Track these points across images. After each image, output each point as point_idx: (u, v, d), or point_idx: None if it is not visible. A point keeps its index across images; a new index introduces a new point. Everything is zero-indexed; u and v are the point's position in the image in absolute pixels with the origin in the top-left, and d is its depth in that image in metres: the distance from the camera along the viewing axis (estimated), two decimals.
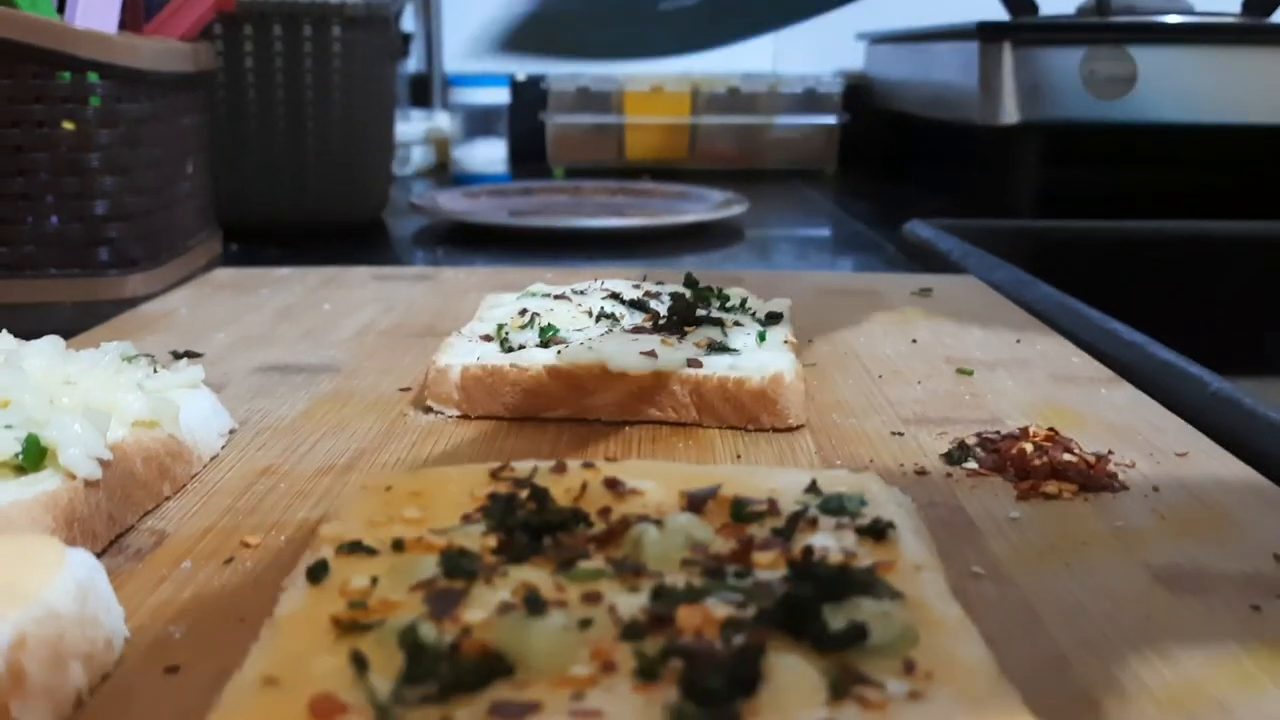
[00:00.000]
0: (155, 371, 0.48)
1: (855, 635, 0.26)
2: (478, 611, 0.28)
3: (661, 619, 0.28)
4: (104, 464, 0.39)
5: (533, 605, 0.28)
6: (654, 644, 0.27)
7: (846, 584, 0.29)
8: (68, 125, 0.77)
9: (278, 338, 0.68)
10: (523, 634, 0.26)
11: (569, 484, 0.36)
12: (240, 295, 0.80)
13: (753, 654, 0.26)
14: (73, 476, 0.38)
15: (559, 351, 0.53)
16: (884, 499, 0.35)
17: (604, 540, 0.32)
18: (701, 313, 0.59)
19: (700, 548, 0.32)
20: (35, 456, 0.38)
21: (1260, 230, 1.19)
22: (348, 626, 0.28)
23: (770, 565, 0.31)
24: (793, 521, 0.33)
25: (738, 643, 0.26)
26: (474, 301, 0.71)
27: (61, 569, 0.30)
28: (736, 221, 1.19)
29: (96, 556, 0.32)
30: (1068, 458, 0.46)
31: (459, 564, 0.30)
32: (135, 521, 0.42)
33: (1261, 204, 1.22)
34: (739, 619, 0.28)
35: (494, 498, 0.35)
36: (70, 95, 0.77)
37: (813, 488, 0.36)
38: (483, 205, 1.24)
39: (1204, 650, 0.33)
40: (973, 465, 0.48)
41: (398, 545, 0.32)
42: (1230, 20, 1.30)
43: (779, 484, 0.36)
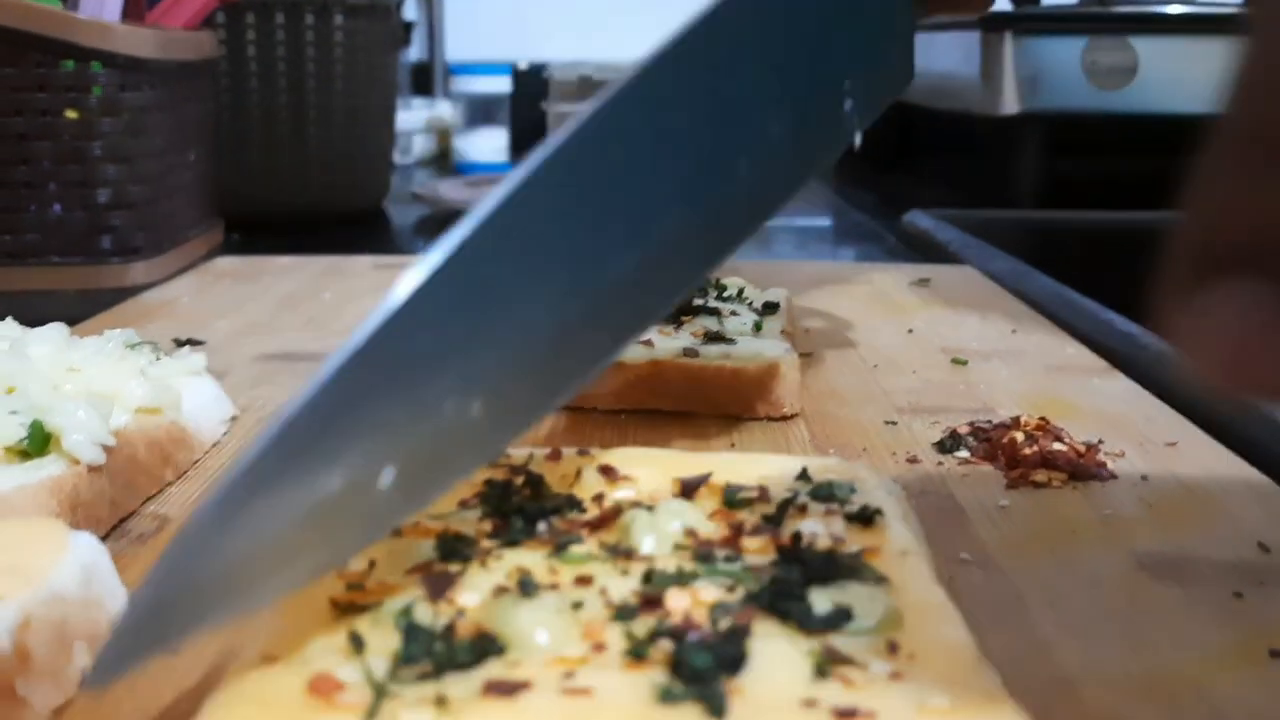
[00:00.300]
0: (158, 359, 0.48)
1: (839, 617, 0.27)
2: (472, 594, 0.29)
3: (651, 601, 0.28)
4: (107, 449, 0.40)
5: (525, 588, 0.29)
6: (644, 625, 0.27)
7: (833, 568, 0.29)
8: (71, 114, 0.78)
9: (279, 326, 0.69)
10: (515, 615, 0.27)
11: (564, 470, 0.37)
12: (242, 283, 0.80)
13: (739, 635, 0.26)
14: (77, 462, 0.39)
15: None
16: (873, 486, 0.36)
17: (597, 525, 0.33)
18: (698, 302, 0.60)
19: (691, 533, 0.32)
20: (40, 442, 0.38)
21: None
22: (346, 608, 0.28)
23: (759, 550, 0.31)
24: (782, 508, 0.34)
25: (725, 624, 0.27)
26: None
27: (66, 552, 0.31)
28: None
29: (100, 540, 0.33)
30: (1058, 447, 0.47)
31: (454, 548, 0.31)
32: (138, 506, 0.42)
33: None
34: (727, 602, 0.28)
35: (490, 484, 0.35)
36: (73, 84, 0.77)
37: (803, 475, 0.36)
38: (484, 194, 1.25)
39: (1185, 636, 0.33)
40: (964, 454, 0.48)
41: (395, 530, 0.33)
42: (1231, 10, 1.30)
43: (770, 471, 0.36)
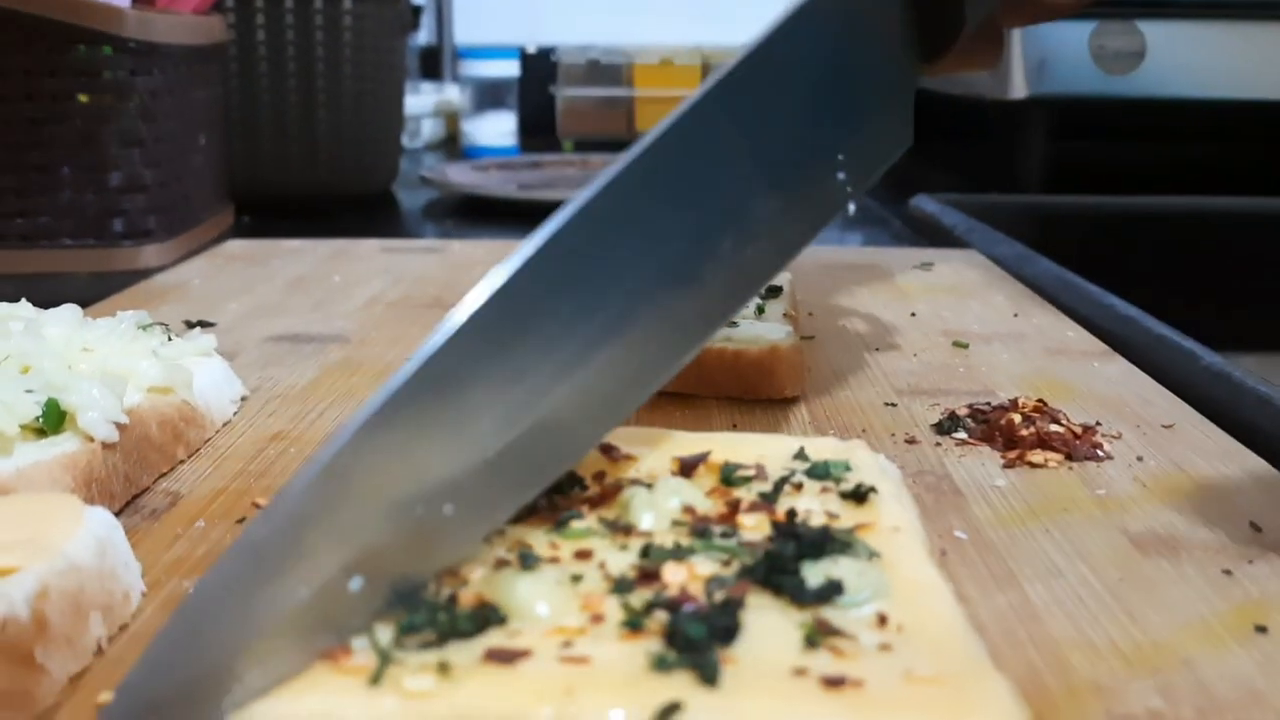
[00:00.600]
0: (169, 340, 0.49)
1: (830, 590, 0.28)
2: (476, 567, 0.30)
3: (649, 574, 0.29)
4: (120, 427, 0.41)
5: (526, 560, 0.29)
6: (641, 597, 0.28)
7: (825, 543, 0.30)
8: (83, 98, 0.78)
9: (288, 308, 0.70)
10: (516, 587, 0.28)
11: None
12: (252, 266, 0.81)
13: (732, 607, 0.27)
14: (91, 439, 0.39)
15: None
16: (869, 465, 0.36)
17: (597, 502, 0.34)
18: None
19: (689, 509, 0.33)
20: (55, 419, 0.39)
21: (1268, 206, 1.20)
22: None
23: (755, 527, 0.32)
24: (779, 485, 0.34)
25: (719, 597, 0.28)
26: (481, 274, 0.72)
27: (81, 525, 0.32)
28: None
29: (114, 515, 0.34)
30: (1055, 428, 0.48)
31: None
32: (151, 483, 0.43)
33: (1270, 180, 1.22)
34: (722, 575, 0.29)
35: None
36: (85, 68, 0.78)
37: (800, 454, 0.37)
38: (492, 178, 1.25)
39: (1173, 611, 0.34)
40: (962, 435, 0.49)
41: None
42: None
43: (768, 450, 0.37)
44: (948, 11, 0.45)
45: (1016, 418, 0.48)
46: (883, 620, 0.27)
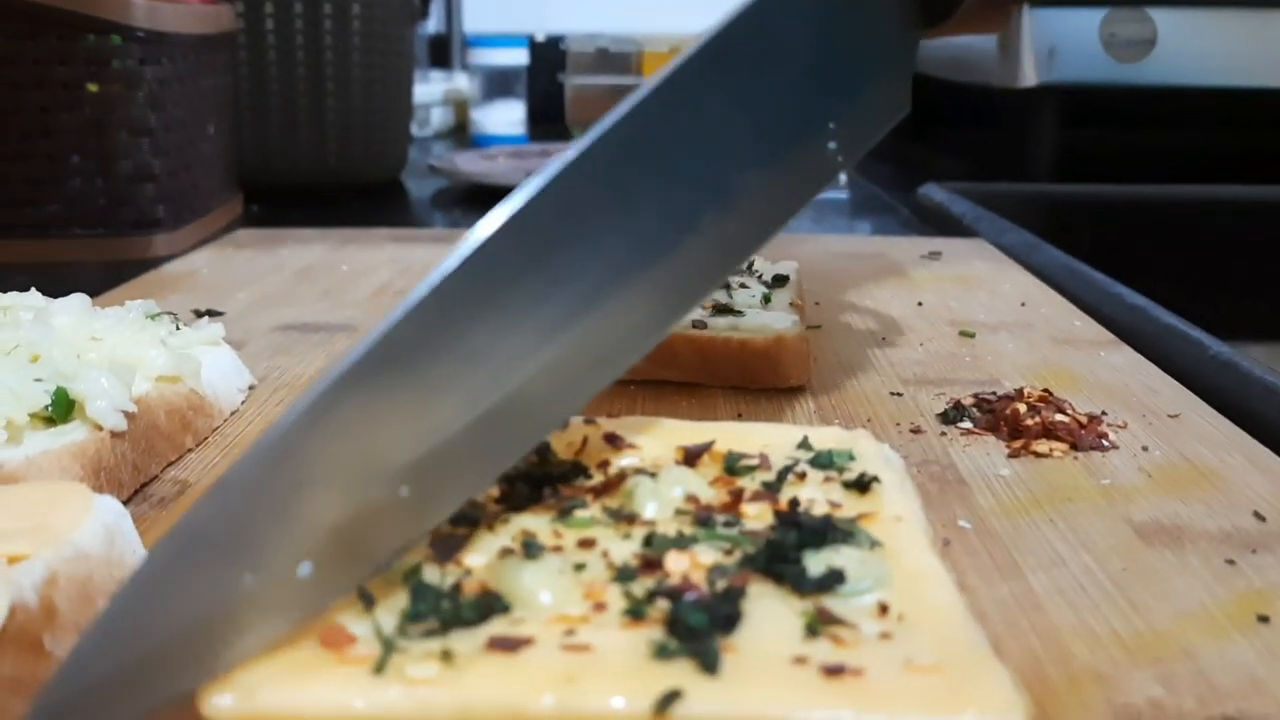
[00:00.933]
0: (177, 329, 0.49)
1: (832, 579, 0.28)
2: (479, 556, 0.30)
3: (651, 563, 0.29)
4: (129, 416, 0.41)
5: (530, 549, 0.30)
6: (643, 586, 0.28)
7: (827, 532, 0.30)
8: (91, 87, 0.79)
9: (297, 297, 0.70)
10: (519, 575, 0.28)
11: (570, 439, 0.38)
12: (260, 256, 0.82)
13: (733, 595, 0.27)
14: (99, 428, 0.40)
15: None
16: (872, 455, 0.36)
17: (601, 491, 0.34)
18: None
19: (692, 498, 0.33)
20: (64, 408, 0.39)
21: (1278, 195, 1.19)
22: None
23: (758, 516, 0.32)
24: (782, 475, 0.35)
25: (721, 586, 0.28)
26: None
27: (90, 514, 0.32)
28: None
29: (122, 504, 0.34)
30: (1060, 418, 0.47)
31: (463, 512, 0.32)
32: (159, 472, 0.44)
33: None
34: (724, 564, 0.29)
35: None
36: (94, 58, 0.78)
37: (804, 444, 0.37)
38: (501, 167, 1.25)
39: (1175, 601, 0.34)
40: (968, 425, 0.49)
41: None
42: None
43: (772, 440, 0.37)
44: None
45: (1022, 407, 0.48)
46: (884, 609, 0.27)
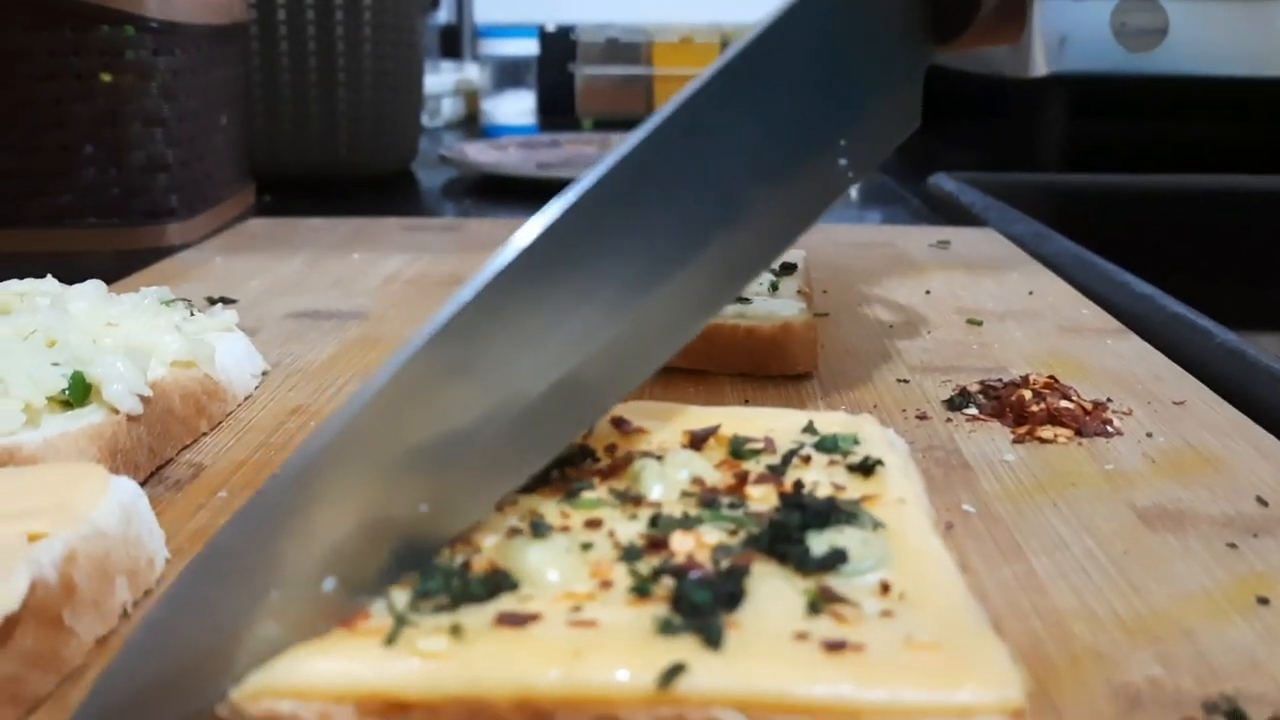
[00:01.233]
0: (192, 315, 0.50)
1: (834, 559, 0.28)
2: (489, 535, 0.31)
3: (657, 543, 0.30)
4: (144, 400, 0.42)
5: (538, 529, 0.30)
6: (649, 565, 0.29)
7: (831, 513, 0.30)
8: (105, 78, 0.79)
9: (309, 285, 0.71)
10: (527, 554, 0.29)
11: None
12: (273, 244, 0.82)
13: (738, 574, 0.28)
14: (116, 411, 0.40)
15: None
16: (877, 439, 0.37)
17: (608, 473, 0.34)
18: None
19: (698, 481, 0.34)
20: (81, 392, 0.40)
21: None
22: None
23: (763, 498, 0.33)
24: (787, 458, 0.35)
25: (725, 564, 0.28)
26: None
27: (107, 494, 0.33)
28: None
29: (139, 485, 0.35)
30: (1065, 404, 0.48)
31: None
32: (174, 455, 0.44)
33: None
34: (729, 544, 0.30)
35: None
36: (107, 48, 0.79)
37: (809, 428, 0.38)
38: (511, 157, 1.26)
39: (1176, 583, 0.34)
40: (973, 411, 0.49)
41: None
42: None
43: (777, 424, 0.38)
44: None
45: (1027, 394, 0.49)
46: (885, 588, 0.28)
